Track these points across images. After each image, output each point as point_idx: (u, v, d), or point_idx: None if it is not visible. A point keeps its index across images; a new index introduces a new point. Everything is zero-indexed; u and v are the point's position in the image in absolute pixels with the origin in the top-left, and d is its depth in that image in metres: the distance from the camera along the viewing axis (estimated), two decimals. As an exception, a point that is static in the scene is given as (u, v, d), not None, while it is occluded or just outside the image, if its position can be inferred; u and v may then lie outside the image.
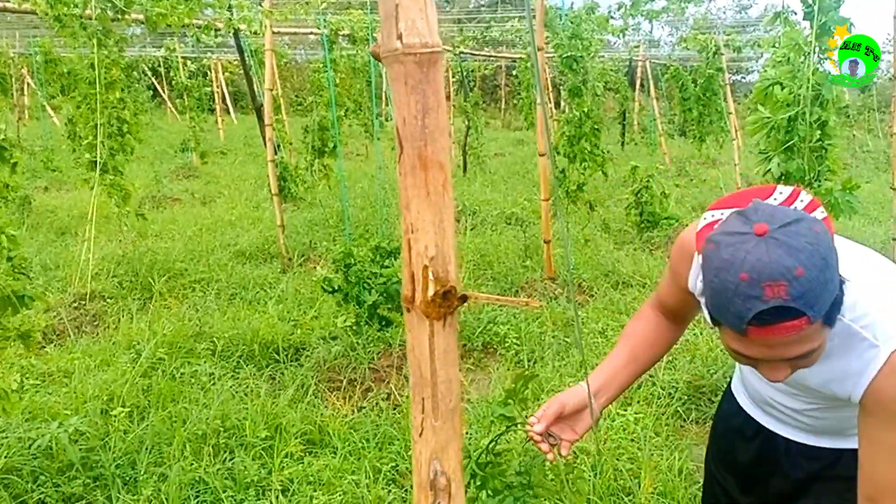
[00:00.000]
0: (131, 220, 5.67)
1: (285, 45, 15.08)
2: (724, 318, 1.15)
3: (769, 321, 1.09)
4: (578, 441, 1.52)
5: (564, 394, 1.53)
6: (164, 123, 18.57)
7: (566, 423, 1.51)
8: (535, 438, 1.48)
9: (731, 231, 1.14)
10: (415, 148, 1.09)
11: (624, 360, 1.61)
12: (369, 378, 4.01)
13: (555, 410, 1.48)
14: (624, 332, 1.69)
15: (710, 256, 1.15)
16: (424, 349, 1.15)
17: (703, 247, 1.18)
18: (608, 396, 1.57)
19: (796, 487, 1.61)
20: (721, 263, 1.12)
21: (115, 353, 4.26)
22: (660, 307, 1.67)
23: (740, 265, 1.09)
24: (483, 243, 6.81)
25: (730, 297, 1.10)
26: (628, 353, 1.62)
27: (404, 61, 1.05)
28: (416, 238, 1.13)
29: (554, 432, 1.50)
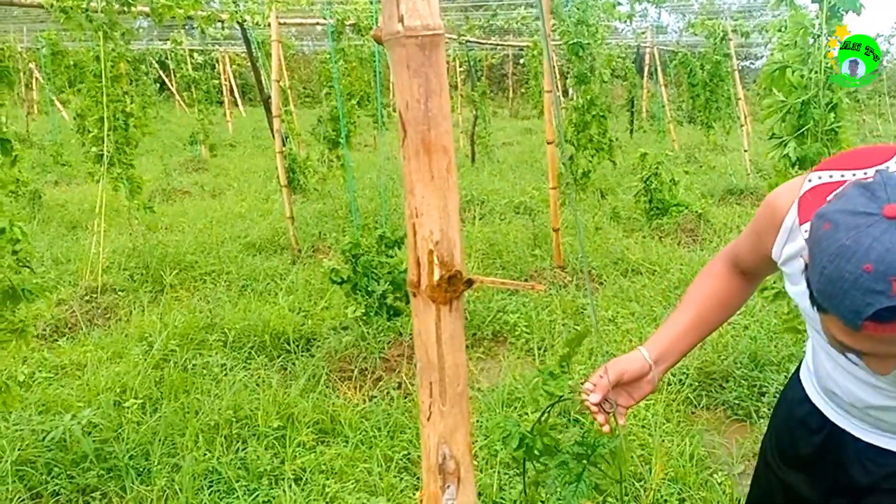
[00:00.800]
0: (141, 214, 5.69)
1: (292, 36, 15.07)
2: (835, 310, 0.98)
3: (890, 318, 0.93)
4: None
5: (622, 360, 1.40)
6: (172, 116, 18.61)
7: (622, 389, 1.39)
8: (592, 409, 1.37)
9: (853, 209, 0.97)
10: (418, 132, 1.09)
11: (688, 324, 1.47)
12: (380, 367, 4.02)
13: (613, 379, 1.36)
14: (689, 293, 1.53)
15: (825, 238, 0.98)
16: (431, 334, 1.15)
17: (815, 223, 1.02)
18: (668, 364, 1.45)
19: (858, 493, 1.43)
20: (839, 249, 0.95)
21: (127, 345, 4.28)
22: (733, 263, 1.52)
23: (864, 254, 0.92)
24: (492, 233, 6.81)
25: (846, 288, 0.94)
26: (694, 317, 1.48)
27: (406, 44, 1.04)
28: (421, 223, 1.13)
29: (610, 398, 1.38)
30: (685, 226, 7.03)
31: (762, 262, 1.40)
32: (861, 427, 1.40)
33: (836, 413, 1.45)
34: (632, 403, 1.40)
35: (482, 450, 3.22)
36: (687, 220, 7.11)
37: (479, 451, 3.20)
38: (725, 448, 3.32)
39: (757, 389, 3.72)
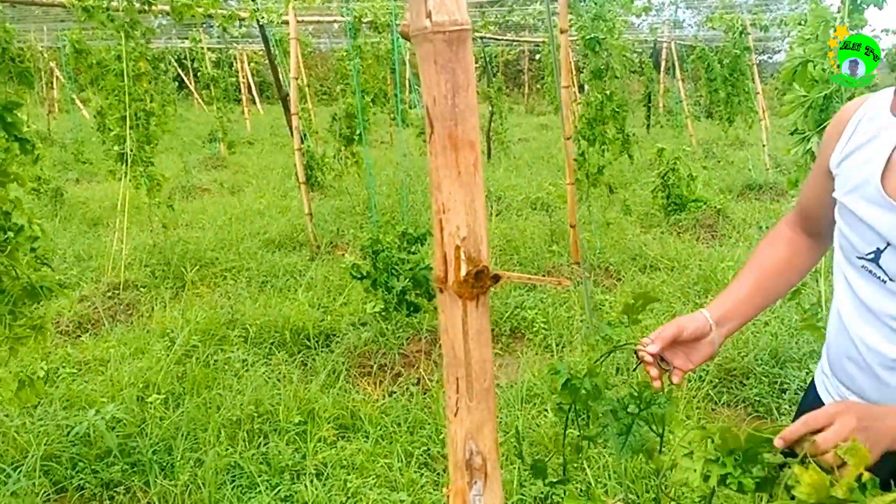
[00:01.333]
0: (162, 211, 5.74)
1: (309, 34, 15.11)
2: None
3: None
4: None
5: (684, 318, 1.37)
6: (191, 114, 18.72)
7: (680, 350, 1.36)
8: (646, 360, 1.34)
9: None
10: (445, 128, 1.09)
11: (751, 288, 1.45)
12: (399, 363, 4.03)
13: (672, 333, 1.33)
14: (752, 258, 1.51)
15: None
16: (458, 329, 1.15)
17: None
18: (731, 327, 1.41)
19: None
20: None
21: (149, 341, 4.32)
22: (798, 220, 1.52)
23: None
24: (509, 228, 6.80)
25: None
26: (755, 281, 1.46)
27: (433, 40, 1.04)
28: (448, 218, 1.13)
29: (666, 357, 1.35)
30: (704, 221, 6.99)
31: (824, 195, 1.39)
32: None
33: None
34: (689, 367, 1.36)
35: (502, 446, 3.22)
36: (706, 215, 7.07)
37: (500, 447, 3.20)
38: (746, 445, 3.30)
39: (777, 386, 3.70)
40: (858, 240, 1.29)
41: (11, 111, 2.39)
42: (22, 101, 2.49)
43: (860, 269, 1.31)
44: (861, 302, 1.34)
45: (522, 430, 3.34)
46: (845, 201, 1.31)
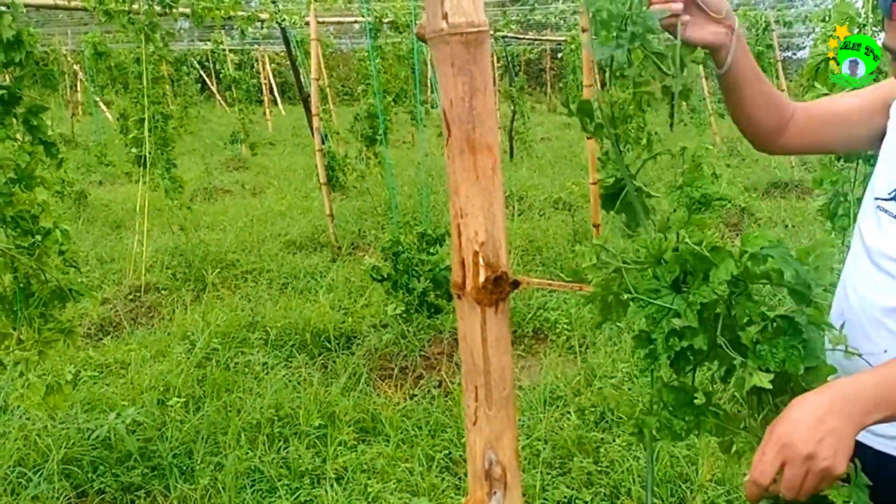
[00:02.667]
0: (183, 213, 5.76)
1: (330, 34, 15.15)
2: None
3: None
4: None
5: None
6: (213, 116, 18.84)
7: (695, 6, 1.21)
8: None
9: None
10: (462, 131, 1.06)
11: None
12: (420, 365, 4.01)
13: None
14: None
15: None
16: (476, 337, 1.12)
17: None
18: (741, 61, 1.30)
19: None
20: None
21: (170, 343, 4.33)
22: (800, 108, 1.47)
23: None
24: (531, 229, 6.75)
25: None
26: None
27: (450, 42, 1.02)
28: (466, 223, 1.10)
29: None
30: (728, 220, 6.90)
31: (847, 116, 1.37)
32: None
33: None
34: (696, 36, 1.22)
35: (525, 449, 3.18)
36: (730, 214, 6.97)
37: (522, 451, 3.17)
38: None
39: (806, 388, 3.63)
40: (890, 176, 1.29)
41: (36, 114, 2.39)
42: (46, 104, 2.50)
43: (875, 212, 1.31)
44: (863, 249, 1.33)
45: (545, 433, 3.30)
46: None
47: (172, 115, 5.65)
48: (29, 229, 2.39)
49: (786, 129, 1.46)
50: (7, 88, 2.14)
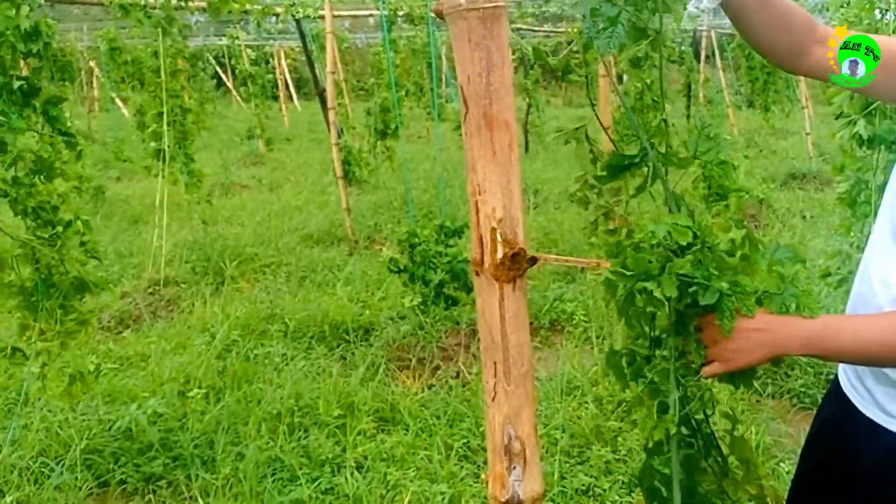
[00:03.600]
0: (202, 207, 5.80)
1: (346, 29, 15.17)
2: None
3: None
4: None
5: None
6: (229, 112, 18.92)
7: None
8: None
9: None
10: (480, 107, 1.07)
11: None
12: (438, 356, 4.02)
13: None
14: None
15: None
16: (495, 313, 1.13)
17: None
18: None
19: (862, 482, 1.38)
20: None
21: (190, 336, 4.37)
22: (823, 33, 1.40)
23: None
24: (546, 222, 6.74)
25: None
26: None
27: (468, 17, 1.02)
28: (484, 200, 1.11)
29: None
30: (747, 211, 6.85)
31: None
32: (871, 398, 1.37)
33: (847, 380, 1.45)
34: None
35: (542, 438, 3.18)
36: (749, 205, 6.92)
37: (540, 440, 3.17)
38: (792, 437, 3.23)
39: (823, 377, 3.60)
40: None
41: (55, 105, 2.42)
42: (65, 96, 2.52)
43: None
44: (890, 232, 1.31)
45: (563, 422, 3.30)
46: None
47: (191, 108, 5.67)
48: (49, 220, 2.41)
49: (810, 51, 1.37)
50: (26, 80, 2.16)
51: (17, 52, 2.09)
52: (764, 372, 3.74)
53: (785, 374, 3.73)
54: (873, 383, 1.35)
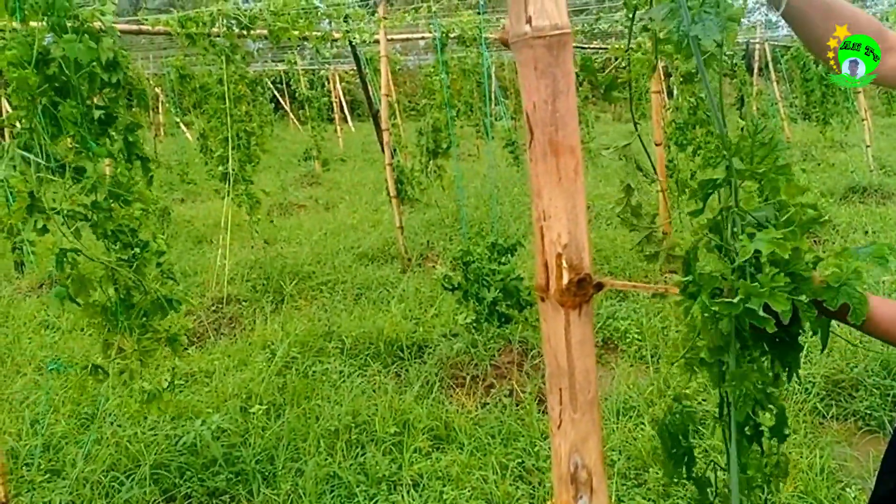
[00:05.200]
0: (262, 227, 5.93)
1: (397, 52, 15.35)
2: None
3: None
4: None
5: None
6: (286, 134, 19.30)
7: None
8: None
9: None
10: (545, 133, 1.08)
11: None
12: (491, 374, 4.02)
13: None
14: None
15: None
16: (560, 339, 1.13)
17: None
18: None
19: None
20: None
21: (251, 353, 4.46)
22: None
23: None
24: (598, 238, 6.70)
25: None
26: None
27: (534, 45, 1.04)
28: (549, 225, 1.12)
29: None
30: (806, 227, 6.69)
31: None
32: None
33: None
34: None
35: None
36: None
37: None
38: (858, 461, 3.14)
39: (890, 399, 3.50)
40: None
41: (133, 132, 2.52)
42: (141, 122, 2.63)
43: None
44: None
45: (619, 443, 3.27)
46: None
47: (255, 132, 5.83)
48: (128, 242, 2.51)
49: (881, 60, 1.35)
50: (105, 109, 2.27)
51: (96, 83, 2.19)
52: (827, 393, 3.66)
53: (849, 395, 3.63)
54: None
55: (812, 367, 3.83)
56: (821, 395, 3.62)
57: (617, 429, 3.39)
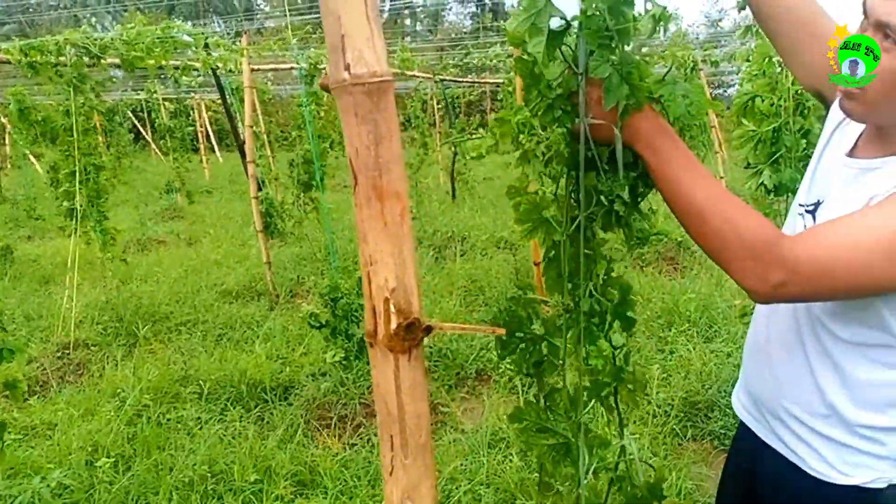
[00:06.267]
0: (116, 265, 5.61)
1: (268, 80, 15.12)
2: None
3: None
4: None
5: None
6: (148, 165, 18.55)
7: None
8: None
9: None
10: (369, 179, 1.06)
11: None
12: (360, 413, 3.94)
13: None
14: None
15: None
16: (390, 385, 1.11)
17: None
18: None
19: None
20: None
21: (99, 401, 4.18)
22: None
23: None
24: (473, 269, 6.77)
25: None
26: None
27: (353, 92, 1.02)
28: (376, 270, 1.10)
29: None
30: (666, 254, 7.03)
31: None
32: (771, 430, 1.44)
33: (748, 415, 1.52)
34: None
35: (466, 495, 3.14)
36: (667, 248, 7.11)
37: (463, 497, 3.12)
38: (713, 480, 3.26)
39: (742, 418, 3.68)
40: (809, 185, 1.40)
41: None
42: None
43: (796, 217, 1.40)
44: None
45: (487, 476, 3.26)
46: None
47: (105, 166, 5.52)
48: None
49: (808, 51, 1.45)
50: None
51: None
52: (685, 415, 3.80)
53: (705, 415, 3.79)
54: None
55: (671, 391, 3.98)
56: (679, 417, 3.76)
57: (486, 462, 3.38)
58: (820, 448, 1.34)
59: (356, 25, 1.01)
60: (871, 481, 1.29)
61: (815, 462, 1.34)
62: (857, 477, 1.30)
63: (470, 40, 13.45)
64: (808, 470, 1.35)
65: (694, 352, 4.48)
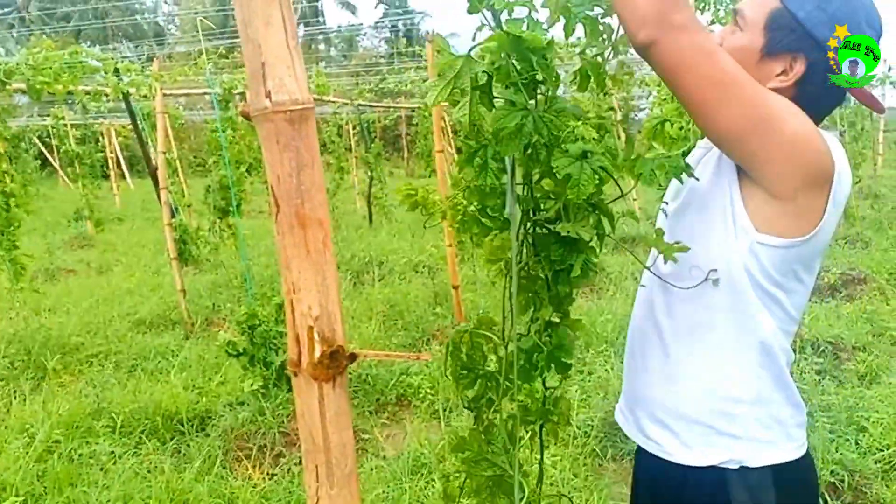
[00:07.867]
0: (23, 296, 5.36)
1: (180, 105, 14.83)
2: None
3: None
4: None
5: None
6: (55, 193, 17.84)
7: None
8: None
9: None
10: (291, 206, 1.07)
11: None
12: (280, 442, 3.88)
13: None
14: None
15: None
16: (315, 414, 1.11)
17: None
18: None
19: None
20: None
21: (6, 438, 3.97)
22: None
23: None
24: (392, 293, 6.77)
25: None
26: None
27: (274, 119, 1.03)
28: (299, 298, 1.10)
29: None
30: (581, 276, 7.18)
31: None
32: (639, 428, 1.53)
33: (623, 417, 1.63)
34: None
35: (391, 520, 3.13)
36: (589, 286, 7.27)
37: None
38: (634, 500, 3.34)
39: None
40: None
41: None
42: None
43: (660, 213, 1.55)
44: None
45: (410, 502, 3.26)
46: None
47: (14, 193, 5.31)
48: None
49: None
50: None
51: None
52: (605, 435, 3.88)
53: (624, 435, 3.87)
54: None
55: (590, 412, 4.06)
56: (599, 437, 3.83)
57: (409, 489, 3.38)
58: (680, 432, 1.42)
59: (277, 53, 1.02)
60: (725, 462, 1.37)
61: (677, 448, 1.42)
62: (713, 457, 1.38)
63: (385, 65, 13.55)
64: (670, 458, 1.43)
65: (612, 372, 4.59)
